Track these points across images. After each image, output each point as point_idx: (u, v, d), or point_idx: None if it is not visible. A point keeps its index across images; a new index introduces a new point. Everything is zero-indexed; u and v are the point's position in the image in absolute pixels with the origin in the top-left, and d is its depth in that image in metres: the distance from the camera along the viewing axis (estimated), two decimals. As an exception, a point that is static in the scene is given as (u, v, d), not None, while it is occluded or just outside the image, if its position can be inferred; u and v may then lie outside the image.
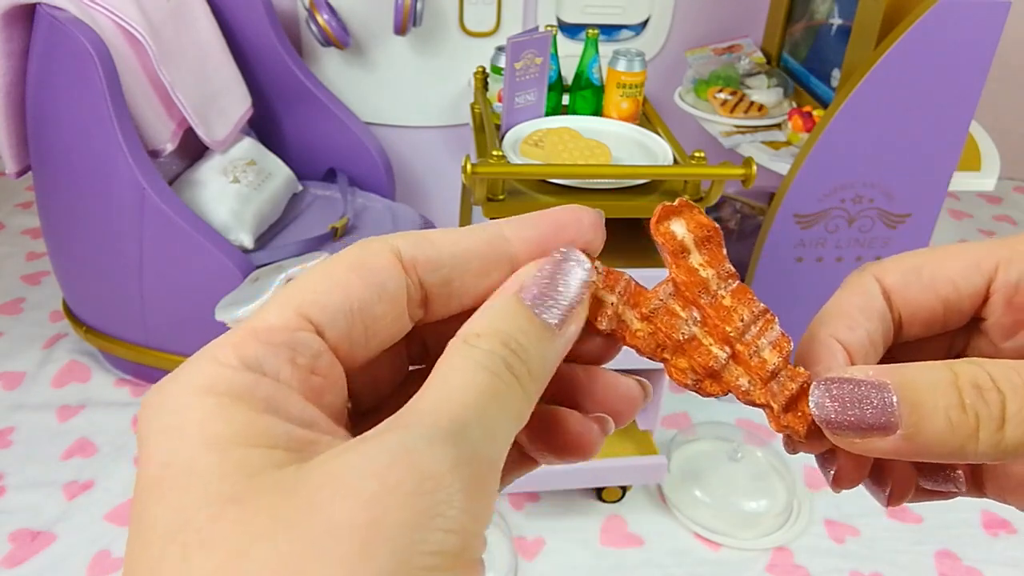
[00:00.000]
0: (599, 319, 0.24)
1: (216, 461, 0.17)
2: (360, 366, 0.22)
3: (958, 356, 0.26)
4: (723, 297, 0.24)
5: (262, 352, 0.19)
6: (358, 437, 0.18)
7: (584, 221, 0.23)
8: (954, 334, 0.27)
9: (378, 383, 0.25)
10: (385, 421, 0.19)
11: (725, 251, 0.25)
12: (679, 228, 0.25)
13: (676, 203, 0.25)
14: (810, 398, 0.22)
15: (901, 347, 0.27)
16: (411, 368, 0.26)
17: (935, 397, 0.20)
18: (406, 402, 0.19)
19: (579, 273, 0.22)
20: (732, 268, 0.25)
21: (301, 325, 0.20)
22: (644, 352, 0.24)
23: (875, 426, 0.21)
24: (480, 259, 0.22)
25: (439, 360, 0.20)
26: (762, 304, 0.24)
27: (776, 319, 0.24)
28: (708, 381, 0.24)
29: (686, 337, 0.24)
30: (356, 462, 0.17)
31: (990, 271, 0.25)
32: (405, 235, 0.22)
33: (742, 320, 0.24)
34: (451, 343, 0.20)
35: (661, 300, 0.24)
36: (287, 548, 0.16)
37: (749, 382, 0.24)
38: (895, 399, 0.21)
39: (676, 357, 0.24)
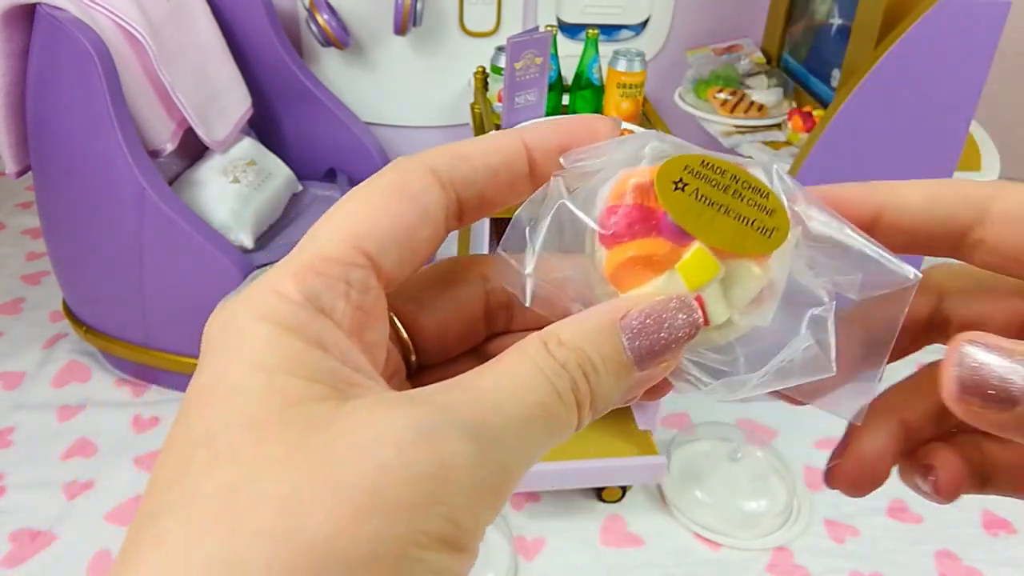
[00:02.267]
0: None
1: (260, 384, 0.18)
2: (427, 320, 0.23)
3: None
4: None
5: (320, 286, 0.19)
6: (400, 394, 0.18)
7: (600, 131, 0.23)
8: None
9: (447, 340, 0.25)
10: (431, 388, 0.19)
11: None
12: None
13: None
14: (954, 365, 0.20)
15: None
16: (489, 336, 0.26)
17: None
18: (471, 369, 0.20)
19: (684, 326, 0.21)
20: None
21: (356, 258, 0.20)
22: None
23: (1002, 399, 0.19)
24: (508, 171, 0.23)
25: (510, 348, 0.20)
26: None
27: None
28: None
29: None
30: (382, 425, 0.17)
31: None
32: (438, 152, 0.22)
33: None
34: (529, 338, 0.20)
35: None
36: (288, 488, 0.16)
37: None
38: None
39: None
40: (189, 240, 1.29)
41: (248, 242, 1.41)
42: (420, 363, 0.25)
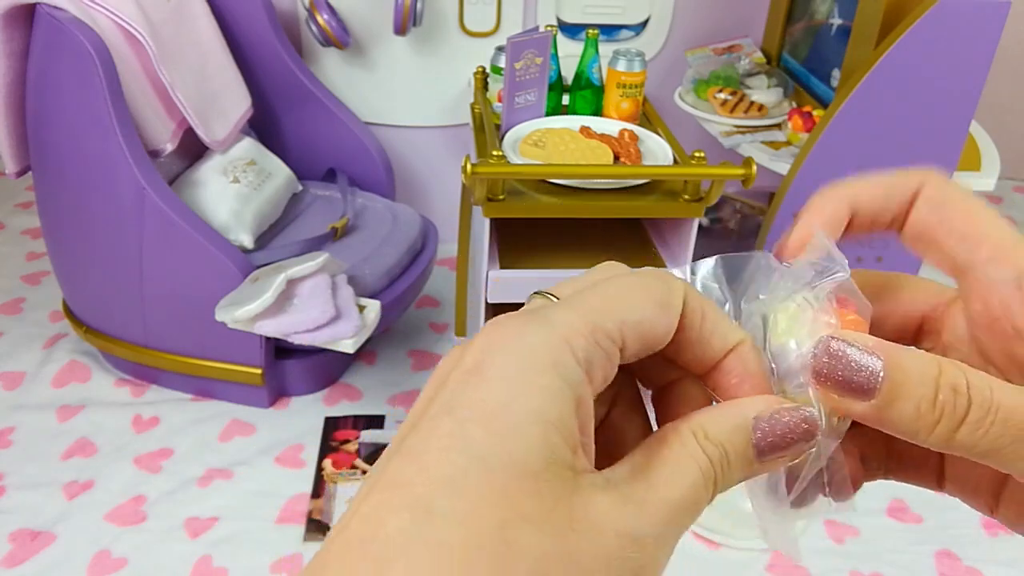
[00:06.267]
0: None
1: (537, 434, 0.20)
2: None
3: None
4: None
5: (597, 355, 0.22)
6: (615, 493, 0.22)
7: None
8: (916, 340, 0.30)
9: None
10: (629, 481, 0.22)
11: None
12: None
13: None
14: (813, 349, 0.24)
15: None
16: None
17: (915, 384, 0.23)
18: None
19: (808, 441, 0.24)
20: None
21: (618, 342, 0.23)
22: None
23: (857, 389, 0.23)
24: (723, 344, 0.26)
25: (666, 444, 0.23)
26: None
27: None
28: None
29: None
30: (608, 517, 0.21)
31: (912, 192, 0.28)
32: (694, 291, 0.25)
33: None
34: (681, 431, 0.24)
35: None
36: (548, 545, 0.20)
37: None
38: (882, 373, 0.23)
39: None
40: (189, 240, 1.29)
41: (248, 242, 1.41)
42: None
